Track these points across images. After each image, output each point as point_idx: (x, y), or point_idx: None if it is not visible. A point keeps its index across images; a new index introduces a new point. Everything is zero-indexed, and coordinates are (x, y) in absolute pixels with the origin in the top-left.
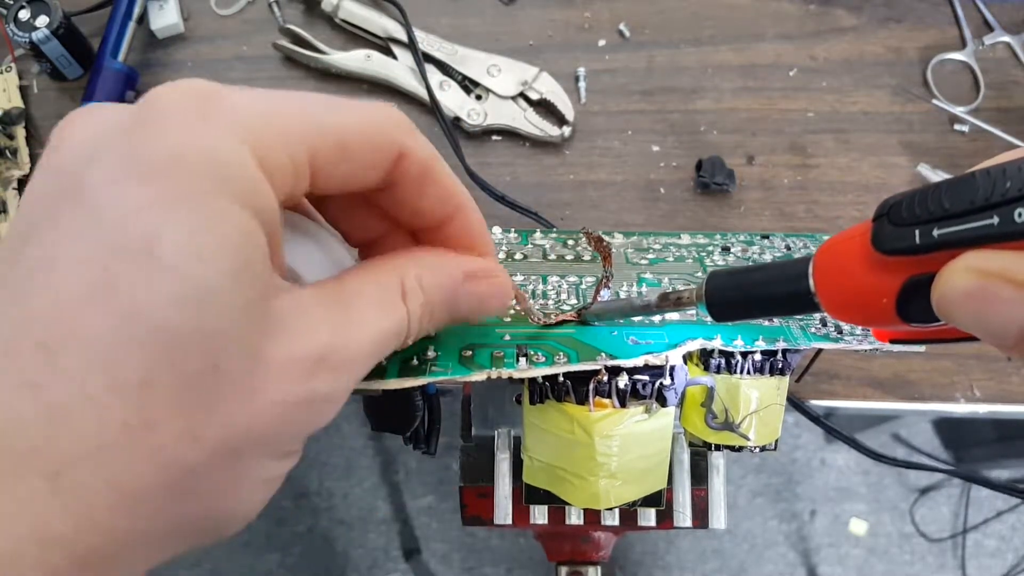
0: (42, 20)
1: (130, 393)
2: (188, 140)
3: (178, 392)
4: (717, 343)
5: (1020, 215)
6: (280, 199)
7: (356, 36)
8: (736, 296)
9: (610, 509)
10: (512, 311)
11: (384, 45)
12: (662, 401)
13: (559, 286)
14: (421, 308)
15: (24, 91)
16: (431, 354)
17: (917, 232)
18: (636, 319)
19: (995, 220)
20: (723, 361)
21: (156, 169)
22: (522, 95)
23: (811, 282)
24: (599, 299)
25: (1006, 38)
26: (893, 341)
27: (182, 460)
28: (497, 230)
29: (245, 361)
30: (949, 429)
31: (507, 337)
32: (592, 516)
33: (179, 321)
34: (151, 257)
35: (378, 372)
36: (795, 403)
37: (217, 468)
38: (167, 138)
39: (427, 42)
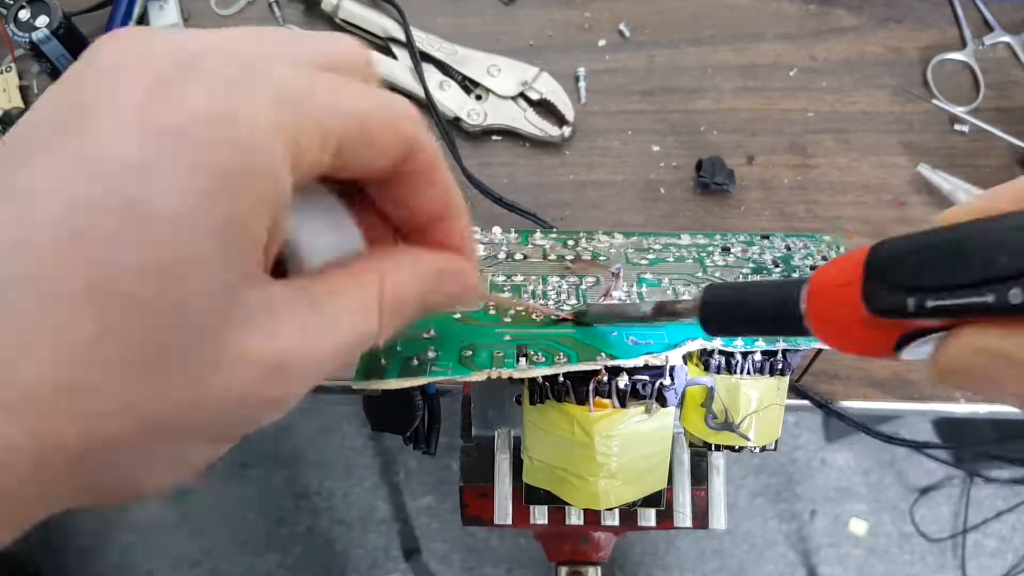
0: (42, 20)
1: (71, 353)
2: (221, 109)
3: (122, 364)
4: (717, 343)
5: (1015, 296)
6: (297, 179)
7: (356, 36)
8: (730, 314)
9: (610, 509)
10: (515, 310)
11: (384, 45)
12: (662, 401)
13: (559, 286)
14: (395, 312)
15: (24, 91)
16: (431, 354)
17: (910, 301)
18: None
19: (990, 299)
20: (723, 361)
21: (173, 131)
22: (522, 95)
23: (802, 311)
24: (602, 301)
25: (1006, 38)
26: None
27: (107, 431)
28: (497, 230)
29: (200, 349)
30: (949, 429)
31: (507, 337)
32: (592, 516)
33: (144, 292)
34: (136, 218)
35: (378, 372)
36: (802, 392)
37: (142, 444)
38: (199, 102)
39: (427, 42)
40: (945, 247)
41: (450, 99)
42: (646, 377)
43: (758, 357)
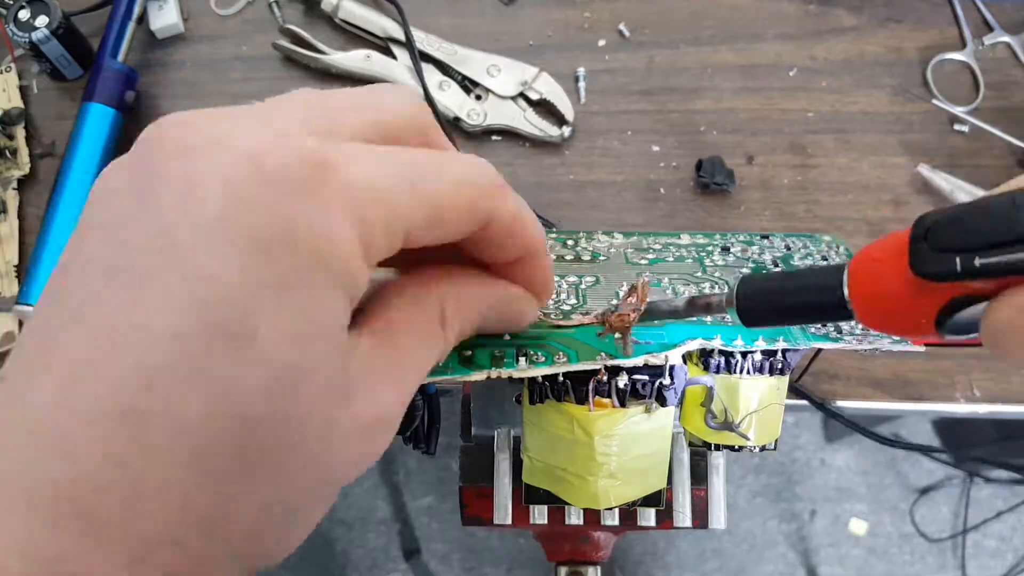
0: (42, 20)
1: (213, 480)
2: (300, 219)
3: (258, 473)
4: (717, 343)
5: None
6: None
7: (356, 36)
8: (769, 304)
9: (610, 509)
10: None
11: (384, 45)
12: (662, 401)
13: (559, 286)
14: (457, 337)
15: (24, 91)
16: None
17: (958, 260)
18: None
19: None
20: (723, 361)
21: (264, 246)
22: (522, 95)
23: (845, 295)
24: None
25: (1006, 38)
26: (928, 345)
27: (254, 532)
28: None
29: (321, 436)
30: (949, 429)
31: (507, 337)
32: (592, 516)
33: (267, 409)
34: (247, 341)
35: None
36: (802, 392)
37: (282, 530)
38: (279, 213)
39: (427, 42)
40: (990, 210)
41: (450, 99)
42: (646, 377)
43: (758, 357)
